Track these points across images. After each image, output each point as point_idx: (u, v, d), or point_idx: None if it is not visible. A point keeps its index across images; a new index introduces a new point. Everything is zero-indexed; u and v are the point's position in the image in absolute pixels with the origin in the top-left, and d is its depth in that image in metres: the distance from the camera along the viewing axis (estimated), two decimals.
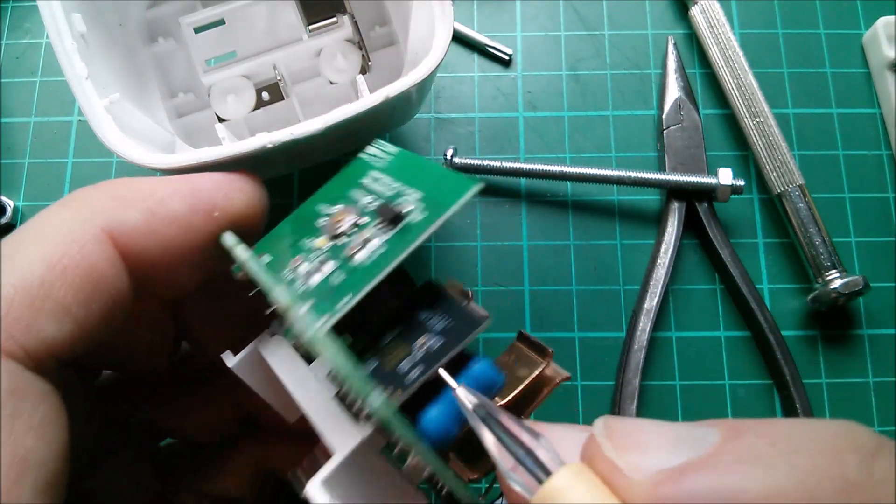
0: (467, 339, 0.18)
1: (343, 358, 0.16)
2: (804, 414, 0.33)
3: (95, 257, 0.18)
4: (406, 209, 0.20)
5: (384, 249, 0.19)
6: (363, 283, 0.18)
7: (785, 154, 0.36)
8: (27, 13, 0.41)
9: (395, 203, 0.20)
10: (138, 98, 0.32)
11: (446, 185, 0.20)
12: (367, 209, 0.21)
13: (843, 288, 0.34)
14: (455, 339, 0.18)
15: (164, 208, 0.20)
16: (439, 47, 0.27)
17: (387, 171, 0.22)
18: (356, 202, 0.21)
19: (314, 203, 0.22)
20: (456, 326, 0.19)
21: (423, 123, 0.39)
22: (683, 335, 0.36)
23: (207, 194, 0.21)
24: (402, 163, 0.22)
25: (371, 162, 0.23)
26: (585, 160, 0.38)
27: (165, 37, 0.35)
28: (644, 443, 0.14)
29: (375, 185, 0.22)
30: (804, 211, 0.36)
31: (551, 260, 0.37)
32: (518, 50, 0.40)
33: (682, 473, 0.13)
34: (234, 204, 0.21)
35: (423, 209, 0.20)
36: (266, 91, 0.34)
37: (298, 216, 0.22)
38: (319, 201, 0.22)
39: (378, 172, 0.22)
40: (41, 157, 0.39)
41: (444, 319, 0.19)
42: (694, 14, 0.39)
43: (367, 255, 0.19)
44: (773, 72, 0.40)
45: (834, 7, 0.41)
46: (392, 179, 0.21)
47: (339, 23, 0.33)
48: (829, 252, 0.35)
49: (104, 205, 0.20)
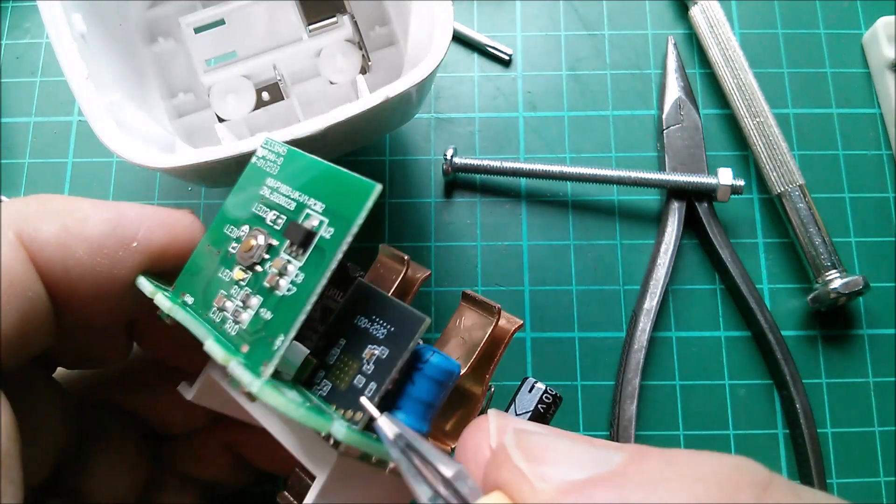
0: (411, 345, 0.18)
1: (292, 407, 0.16)
2: (804, 414, 0.33)
3: (7, 257, 0.19)
4: (313, 225, 0.19)
5: (302, 277, 0.18)
6: (291, 318, 0.18)
7: (785, 154, 0.36)
8: (27, 13, 0.41)
9: (299, 219, 0.19)
10: (138, 98, 0.32)
11: (345, 193, 0.19)
12: (275, 229, 0.20)
13: (843, 288, 0.34)
14: (399, 346, 0.18)
15: (79, 227, 0.20)
16: (439, 47, 0.27)
17: (282, 177, 0.21)
18: (262, 221, 0.20)
19: (220, 225, 0.21)
20: (397, 332, 0.19)
21: (423, 123, 0.39)
22: (683, 335, 0.36)
23: (128, 224, 0.21)
24: (294, 165, 0.21)
25: (263, 167, 0.21)
26: (585, 160, 0.38)
27: (165, 37, 0.35)
28: (552, 456, 0.14)
29: (275, 196, 0.20)
30: (804, 211, 0.36)
31: (551, 260, 0.37)
32: (518, 50, 0.40)
33: (587, 486, 0.13)
34: (154, 239, 0.21)
35: (328, 224, 0.19)
36: (266, 91, 0.34)
37: (209, 244, 0.21)
38: (225, 222, 0.21)
39: (274, 180, 0.21)
40: (41, 157, 0.39)
41: (383, 325, 0.19)
42: (694, 14, 0.39)
43: (287, 285, 0.19)
44: (773, 72, 0.40)
45: (834, 7, 0.41)
46: (290, 188, 0.20)
47: (339, 23, 0.33)
48: (829, 252, 0.35)
49: (22, 213, 0.20)
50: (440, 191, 0.38)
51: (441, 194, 0.38)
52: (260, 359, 0.18)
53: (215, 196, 0.38)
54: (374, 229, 0.37)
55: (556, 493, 0.14)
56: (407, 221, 0.37)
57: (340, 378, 0.19)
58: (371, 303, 0.20)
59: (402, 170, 0.38)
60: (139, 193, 0.38)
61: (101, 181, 0.38)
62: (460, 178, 0.38)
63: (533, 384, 0.22)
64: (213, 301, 0.20)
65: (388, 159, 0.38)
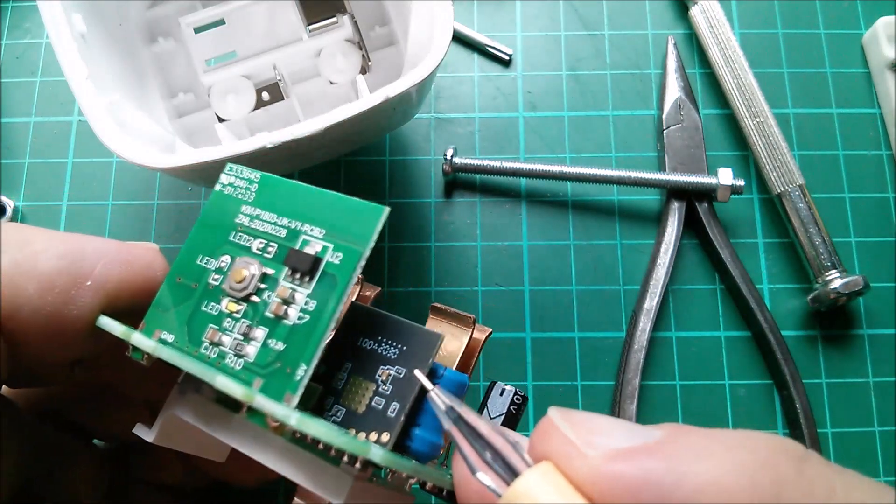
0: (430, 361, 0.18)
1: (335, 434, 0.15)
2: (804, 414, 0.33)
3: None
4: (316, 251, 0.18)
5: (315, 305, 0.18)
6: (312, 347, 0.17)
7: (785, 154, 0.36)
8: (27, 13, 0.41)
9: (296, 245, 0.19)
10: (138, 98, 0.32)
11: (351, 218, 0.18)
12: (267, 258, 0.19)
13: (843, 288, 0.34)
14: (417, 363, 0.18)
15: (30, 262, 0.19)
16: (439, 47, 0.27)
17: (261, 204, 0.20)
18: (247, 250, 0.19)
19: (191, 258, 0.20)
20: (410, 351, 0.19)
21: (423, 123, 0.39)
22: (683, 335, 0.36)
23: (84, 260, 0.19)
24: (274, 191, 0.20)
25: (234, 195, 0.20)
26: (585, 160, 0.38)
27: (165, 37, 0.35)
28: (598, 428, 0.15)
29: (257, 224, 0.19)
30: (804, 211, 0.36)
31: (551, 260, 0.37)
32: (518, 50, 0.40)
33: (634, 453, 0.14)
34: (111, 277, 0.20)
35: (335, 248, 0.18)
36: (266, 91, 0.34)
37: (180, 276, 0.20)
38: (196, 253, 0.20)
39: (251, 207, 0.20)
40: (41, 157, 0.39)
41: (392, 345, 0.19)
42: (694, 14, 0.39)
43: (298, 314, 0.18)
44: (773, 72, 0.40)
45: (834, 7, 0.41)
46: (274, 215, 0.19)
47: (339, 23, 0.33)
48: (829, 252, 0.35)
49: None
50: (440, 191, 0.38)
51: (441, 194, 0.38)
52: (280, 390, 0.17)
53: None
54: None
55: (605, 459, 0.14)
56: (407, 221, 0.37)
57: (355, 402, 0.19)
58: (374, 324, 0.20)
59: (402, 170, 0.38)
60: (139, 193, 0.38)
61: (101, 181, 0.38)
62: (460, 178, 0.38)
63: (503, 388, 0.22)
64: (202, 336, 0.19)
65: (388, 159, 0.38)
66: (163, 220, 0.38)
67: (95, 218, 0.38)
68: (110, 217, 0.38)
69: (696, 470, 0.13)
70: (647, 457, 0.14)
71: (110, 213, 0.38)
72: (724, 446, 0.14)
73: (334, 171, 0.38)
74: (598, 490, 0.14)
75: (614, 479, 0.14)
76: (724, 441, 0.14)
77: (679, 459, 0.13)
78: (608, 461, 0.14)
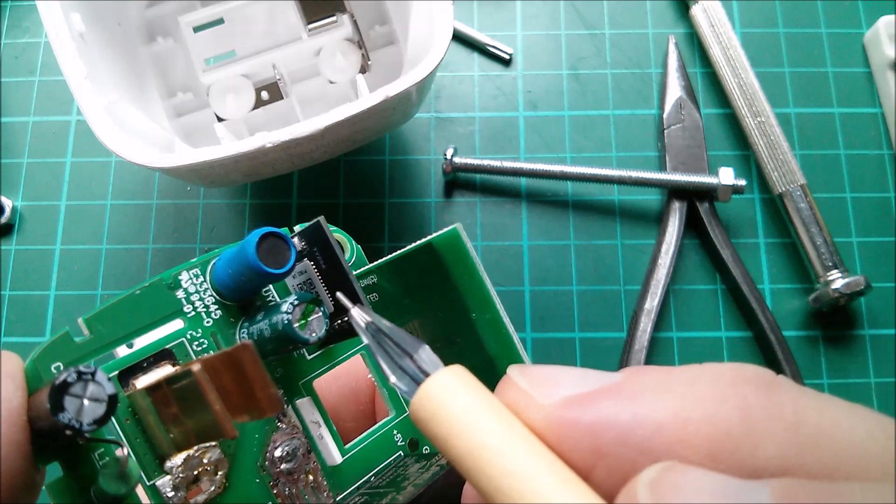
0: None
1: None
2: None
3: None
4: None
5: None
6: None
7: (786, 154, 0.36)
8: (26, 12, 0.41)
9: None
10: (137, 97, 0.32)
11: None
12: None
13: (844, 288, 0.34)
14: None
15: None
16: (439, 47, 0.26)
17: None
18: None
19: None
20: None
21: (423, 123, 0.39)
22: (684, 335, 0.36)
23: None
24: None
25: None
26: (586, 160, 0.38)
27: (164, 36, 0.34)
28: (554, 379, 0.15)
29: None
30: (805, 211, 0.35)
31: (551, 260, 0.37)
32: (518, 49, 0.40)
33: (590, 397, 0.14)
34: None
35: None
36: (265, 90, 0.33)
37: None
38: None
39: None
40: (40, 157, 0.39)
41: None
42: (695, 13, 0.39)
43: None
44: (775, 71, 0.40)
45: (835, 6, 0.41)
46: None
47: (339, 22, 0.33)
48: (830, 252, 0.35)
49: None
50: (440, 191, 0.38)
51: (441, 194, 0.38)
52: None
53: (214, 196, 0.38)
54: (374, 229, 0.37)
55: (560, 406, 0.14)
56: (407, 221, 0.37)
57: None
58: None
59: (402, 170, 0.38)
60: (138, 193, 0.38)
61: (100, 181, 0.38)
62: (460, 178, 0.38)
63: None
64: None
65: (388, 159, 0.38)
66: (162, 219, 0.38)
67: (94, 218, 0.38)
68: (109, 217, 0.38)
69: (654, 407, 0.13)
70: (604, 399, 0.13)
71: (109, 212, 0.38)
72: (684, 380, 0.13)
73: (334, 170, 0.38)
74: (556, 437, 0.14)
75: (570, 425, 0.13)
76: (683, 376, 0.13)
77: (636, 399, 0.13)
78: (563, 408, 0.14)
